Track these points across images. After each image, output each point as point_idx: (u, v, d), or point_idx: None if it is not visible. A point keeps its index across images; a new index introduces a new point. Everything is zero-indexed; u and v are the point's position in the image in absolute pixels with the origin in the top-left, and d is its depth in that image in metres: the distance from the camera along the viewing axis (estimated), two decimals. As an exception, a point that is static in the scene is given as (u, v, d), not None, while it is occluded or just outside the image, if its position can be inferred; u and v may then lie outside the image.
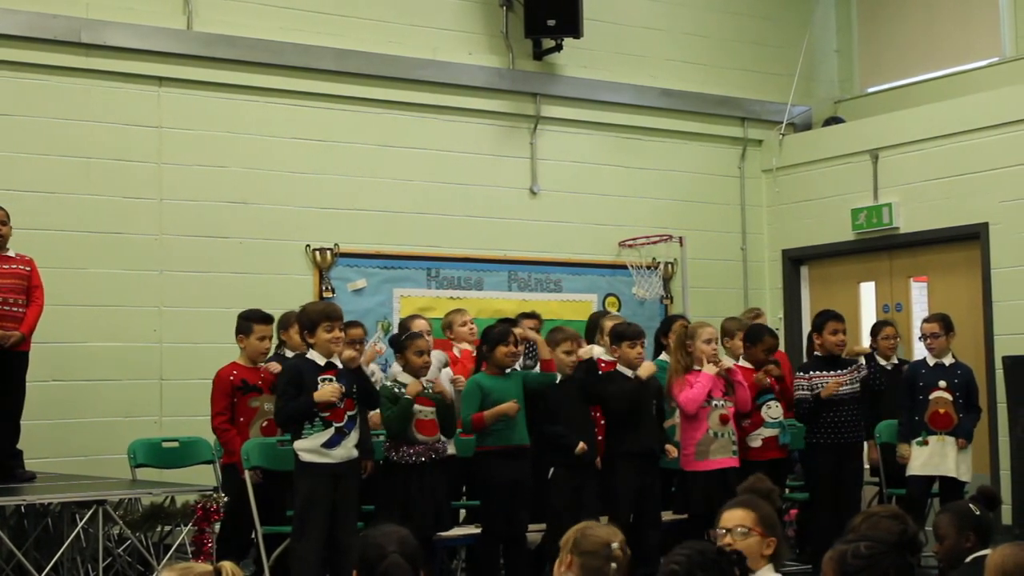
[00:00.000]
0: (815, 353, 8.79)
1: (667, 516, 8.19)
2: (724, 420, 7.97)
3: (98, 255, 9.17)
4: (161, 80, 9.49)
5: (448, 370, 8.28)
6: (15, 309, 7.76)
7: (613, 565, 3.78)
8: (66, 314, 8.65)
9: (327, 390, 6.84)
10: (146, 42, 9.37)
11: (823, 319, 8.74)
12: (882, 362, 9.35)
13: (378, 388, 7.47)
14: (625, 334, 8.03)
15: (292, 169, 9.96)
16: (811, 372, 8.62)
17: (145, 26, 9.38)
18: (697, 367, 8.03)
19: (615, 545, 3.85)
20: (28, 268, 7.91)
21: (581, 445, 7.65)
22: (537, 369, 8.29)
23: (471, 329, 8.66)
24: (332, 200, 10.09)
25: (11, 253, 7.89)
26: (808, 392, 8.54)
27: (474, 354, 8.29)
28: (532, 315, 9.12)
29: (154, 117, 9.46)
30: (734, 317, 9.80)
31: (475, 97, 10.83)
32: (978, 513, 4.89)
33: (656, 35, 11.87)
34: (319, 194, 10.04)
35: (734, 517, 4.33)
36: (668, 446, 8.12)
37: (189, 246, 9.50)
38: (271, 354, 8.01)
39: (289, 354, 7.82)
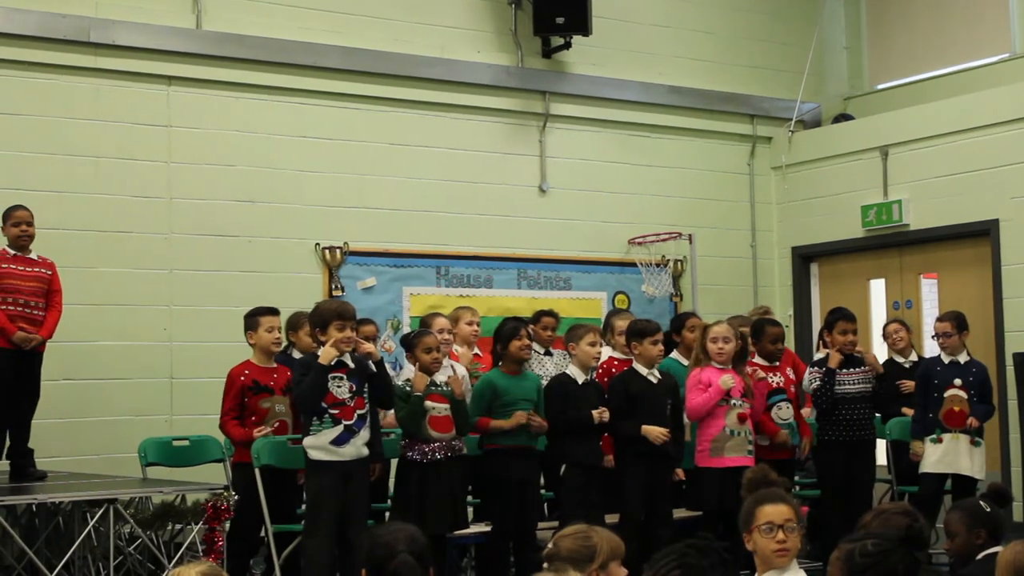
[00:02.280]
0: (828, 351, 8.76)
1: (679, 513, 8.18)
2: (742, 419, 7.96)
3: (108, 254, 9.19)
4: (170, 79, 9.51)
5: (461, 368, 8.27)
6: (36, 312, 7.81)
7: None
8: (76, 313, 8.65)
9: (327, 347, 6.80)
10: (155, 41, 9.39)
11: (834, 318, 8.69)
12: (899, 360, 9.32)
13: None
14: (645, 331, 7.95)
15: (301, 167, 9.97)
16: (825, 367, 8.58)
17: (154, 25, 9.39)
18: (716, 364, 8.02)
19: (550, 545, 3.88)
20: (50, 272, 7.95)
21: (597, 412, 7.67)
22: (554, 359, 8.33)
23: (475, 331, 8.62)
24: (341, 198, 10.10)
25: (34, 256, 7.92)
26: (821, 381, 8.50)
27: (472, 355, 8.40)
28: (550, 313, 9.07)
29: (163, 116, 9.48)
30: (737, 316, 9.72)
31: (484, 95, 10.83)
32: (988, 510, 4.89)
33: (665, 32, 11.86)
34: (328, 192, 10.05)
35: (782, 512, 4.26)
36: (677, 470, 8.11)
37: (199, 245, 9.51)
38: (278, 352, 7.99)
39: (298, 355, 7.82)
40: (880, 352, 10.04)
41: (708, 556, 3.50)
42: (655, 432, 7.66)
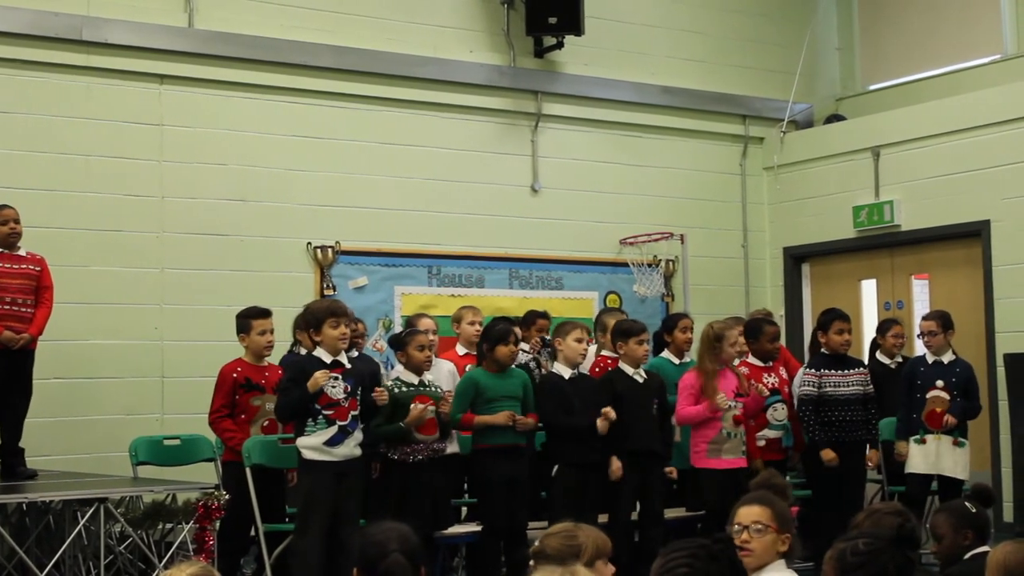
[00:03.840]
0: (822, 351, 8.77)
1: (672, 513, 8.18)
2: (737, 421, 7.97)
3: (99, 253, 9.17)
4: (162, 78, 9.50)
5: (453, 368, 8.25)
6: (24, 309, 7.77)
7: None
8: (67, 312, 8.64)
9: (317, 376, 6.78)
10: (147, 40, 9.38)
11: (829, 318, 8.70)
12: (886, 360, 9.34)
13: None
14: (632, 331, 7.97)
15: (293, 166, 9.96)
16: (820, 370, 8.59)
17: (146, 24, 9.38)
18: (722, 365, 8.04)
19: (536, 544, 3.89)
20: (39, 268, 7.92)
21: (602, 422, 7.64)
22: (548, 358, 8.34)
23: (477, 330, 8.59)
24: (333, 197, 10.09)
25: (22, 252, 7.90)
26: (815, 390, 8.51)
27: (472, 354, 8.35)
28: (543, 314, 9.07)
29: (155, 115, 9.47)
30: (731, 316, 9.73)
31: (476, 95, 10.83)
32: (974, 511, 4.90)
33: (657, 32, 11.87)
34: (320, 191, 10.04)
35: (751, 513, 4.28)
36: (669, 469, 8.09)
37: (190, 244, 9.50)
38: (278, 351, 7.97)
39: (303, 352, 7.81)
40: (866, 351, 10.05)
41: (718, 561, 3.50)
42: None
